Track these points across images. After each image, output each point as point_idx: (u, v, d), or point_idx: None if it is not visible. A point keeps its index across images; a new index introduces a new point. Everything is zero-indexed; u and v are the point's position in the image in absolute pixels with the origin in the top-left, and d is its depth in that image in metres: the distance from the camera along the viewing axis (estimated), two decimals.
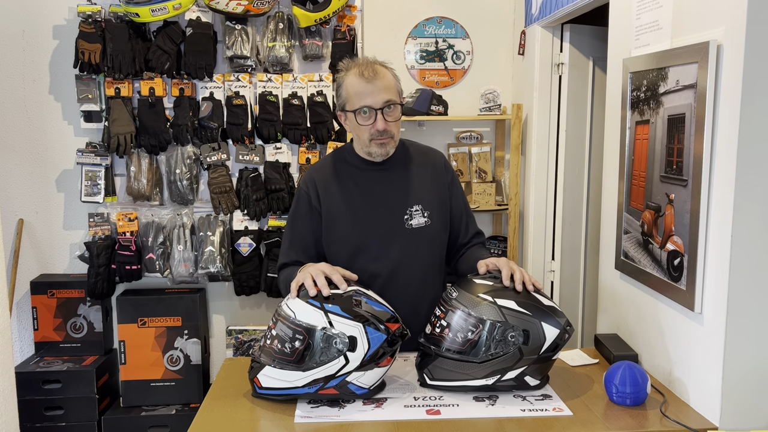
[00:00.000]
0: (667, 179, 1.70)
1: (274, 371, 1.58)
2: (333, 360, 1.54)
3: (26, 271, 3.33)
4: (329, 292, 1.59)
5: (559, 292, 3.16)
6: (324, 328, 1.54)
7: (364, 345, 1.55)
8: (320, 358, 1.54)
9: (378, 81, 1.80)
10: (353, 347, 1.54)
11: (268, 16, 3.17)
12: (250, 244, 3.21)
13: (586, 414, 1.55)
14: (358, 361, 1.55)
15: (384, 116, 1.81)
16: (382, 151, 1.87)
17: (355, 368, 1.55)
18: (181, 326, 3.20)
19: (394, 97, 1.83)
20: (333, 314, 1.55)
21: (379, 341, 1.56)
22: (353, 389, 1.59)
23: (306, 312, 1.56)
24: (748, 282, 1.47)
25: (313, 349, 1.54)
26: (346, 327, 1.54)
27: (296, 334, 1.55)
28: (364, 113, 1.81)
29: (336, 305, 1.56)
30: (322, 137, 3.19)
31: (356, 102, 1.81)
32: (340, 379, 1.56)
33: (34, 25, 3.22)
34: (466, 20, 3.41)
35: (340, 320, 1.55)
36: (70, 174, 3.31)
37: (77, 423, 3.10)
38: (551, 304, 1.66)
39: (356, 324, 1.55)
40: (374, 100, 1.80)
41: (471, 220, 2.04)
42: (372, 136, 1.83)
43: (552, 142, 3.11)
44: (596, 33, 3.03)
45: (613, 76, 2.10)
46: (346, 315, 1.55)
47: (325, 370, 1.55)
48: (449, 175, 2.01)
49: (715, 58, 1.49)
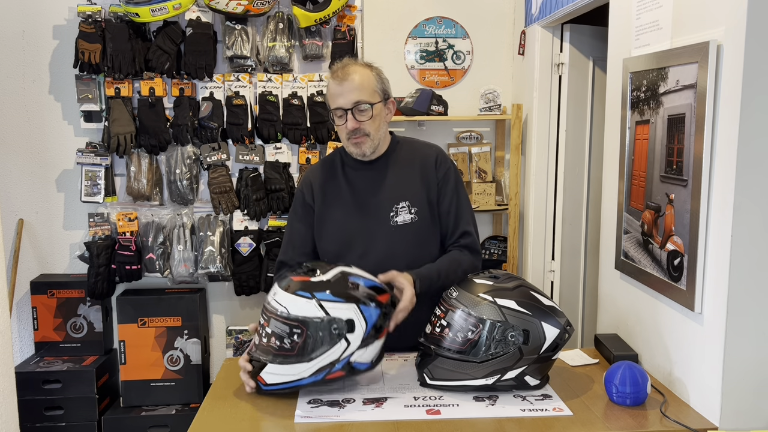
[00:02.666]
0: (667, 179, 1.70)
1: (277, 367, 1.58)
2: (335, 345, 1.55)
3: (26, 271, 3.33)
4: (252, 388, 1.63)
5: (559, 292, 3.16)
6: (320, 317, 1.54)
7: (362, 324, 1.56)
8: (321, 346, 1.54)
9: (347, 83, 1.85)
10: (352, 329, 1.55)
11: (268, 16, 3.17)
12: (250, 244, 3.21)
13: (586, 414, 1.55)
14: (359, 340, 1.56)
15: (354, 116, 1.85)
16: (357, 151, 1.91)
17: (358, 347, 1.57)
18: (181, 326, 3.20)
19: (365, 97, 1.85)
20: (325, 301, 1.55)
21: (375, 316, 1.58)
22: (358, 367, 1.60)
23: (298, 305, 1.55)
24: (748, 282, 1.47)
25: (313, 339, 1.54)
26: (341, 311, 1.54)
27: (293, 329, 1.54)
28: (338, 114, 1.87)
29: (326, 291, 1.56)
30: (322, 137, 3.19)
31: (331, 103, 1.90)
32: (344, 362, 1.57)
33: (34, 25, 3.22)
34: (466, 20, 3.41)
35: (334, 306, 1.55)
36: (70, 174, 3.31)
37: (77, 423, 3.10)
38: (551, 304, 1.66)
39: (350, 305, 1.55)
40: (344, 101, 1.85)
41: (462, 219, 1.97)
42: (348, 135, 1.89)
43: (552, 142, 3.11)
44: (596, 33, 3.03)
45: (613, 76, 2.10)
46: (338, 299, 1.55)
47: (329, 356, 1.55)
48: (442, 170, 1.97)
49: (715, 58, 1.49)
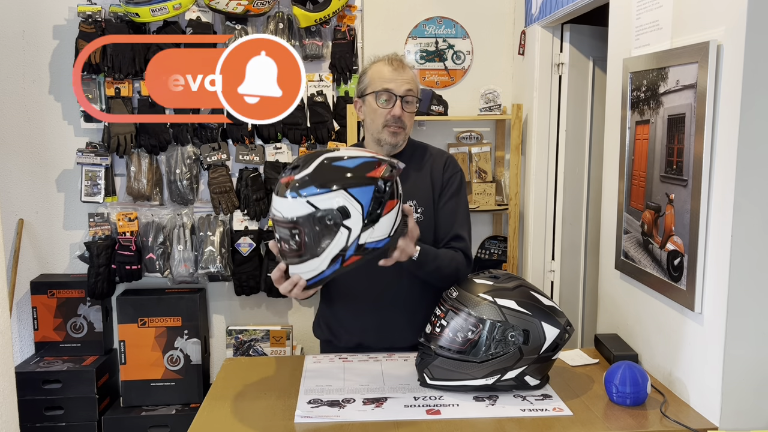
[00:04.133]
0: (667, 179, 1.70)
1: (297, 267, 1.56)
2: (335, 235, 1.49)
3: (26, 271, 3.33)
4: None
5: (559, 292, 3.16)
6: (309, 213, 1.48)
7: (356, 207, 1.49)
8: (323, 239, 1.50)
9: (404, 72, 1.89)
10: (347, 215, 1.48)
11: (268, 16, 3.17)
12: (250, 244, 3.21)
13: (586, 414, 1.55)
14: (360, 223, 1.50)
15: (402, 104, 1.86)
16: (392, 140, 1.90)
17: (361, 230, 1.50)
18: (181, 326, 3.20)
19: (415, 90, 1.90)
20: (312, 196, 1.48)
21: (369, 194, 1.50)
22: (374, 246, 1.53)
23: (289, 206, 1.50)
24: (748, 282, 1.47)
25: (312, 235, 1.50)
26: (330, 201, 1.48)
27: (292, 231, 1.51)
28: (385, 98, 1.87)
29: (310, 186, 1.48)
30: (322, 137, 3.19)
31: (378, 85, 1.88)
32: (353, 246, 1.51)
33: (34, 25, 3.22)
34: (466, 20, 3.41)
35: (321, 198, 1.47)
36: (70, 174, 3.31)
37: (77, 423, 3.10)
38: (551, 304, 1.66)
39: (337, 193, 1.48)
40: (397, 87, 1.86)
41: (457, 222, 1.97)
42: (387, 122, 1.87)
43: (552, 142, 3.11)
44: (596, 33, 3.03)
45: (613, 76, 2.10)
46: (324, 189, 1.48)
47: (335, 246, 1.50)
48: (449, 173, 1.98)
49: (715, 58, 1.49)
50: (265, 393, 1.68)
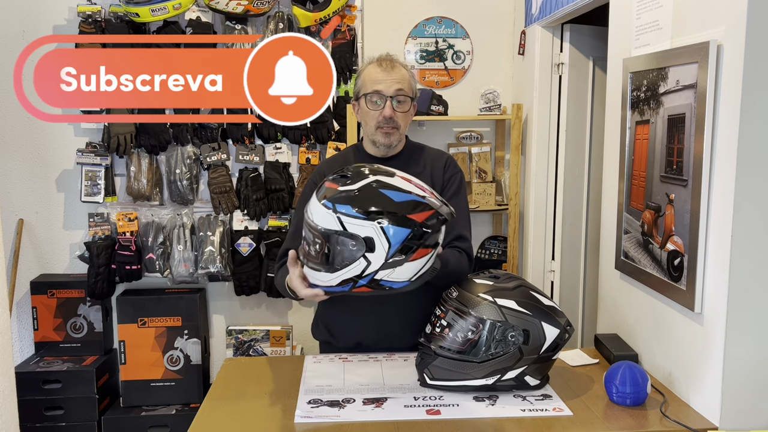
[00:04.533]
0: (667, 179, 1.70)
1: (309, 271, 1.55)
2: (354, 262, 1.46)
3: (26, 271, 3.33)
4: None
5: (559, 292, 3.16)
6: (337, 231, 1.45)
7: (383, 244, 1.44)
8: (342, 260, 1.47)
9: (394, 72, 1.89)
10: (372, 248, 1.44)
11: (268, 16, 3.17)
12: (250, 244, 3.21)
13: (586, 414, 1.55)
14: (381, 261, 1.45)
15: (393, 105, 1.86)
16: (385, 141, 1.90)
17: (380, 267, 1.46)
18: (181, 326, 3.20)
19: (407, 89, 1.89)
20: (344, 215, 1.44)
21: (401, 237, 1.44)
22: (389, 285, 1.50)
23: (320, 215, 1.47)
24: (748, 282, 1.47)
25: (332, 251, 1.47)
26: (359, 228, 1.43)
27: (315, 238, 1.49)
28: (375, 100, 1.87)
29: (347, 205, 1.44)
30: (322, 137, 3.19)
31: (368, 87, 1.89)
32: (368, 279, 1.47)
33: (34, 25, 3.22)
34: (466, 20, 3.41)
35: (352, 221, 1.43)
36: (70, 174, 3.31)
37: (77, 423, 3.10)
38: (551, 304, 1.66)
39: (370, 223, 1.43)
40: (387, 87, 1.87)
41: (460, 223, 1.95)
42: (379, 123, 1.88)
43: (552, 142, 3.11)
44: (596, 33, 3.03)
45: (613, 76, 2.10)
46: (358, 215, 1.43)
47: (350, 271, 1.47)
48: (449, 173, 1.99)
49: (715, 58, 1.49)
50: (265, 393, 1.68)
